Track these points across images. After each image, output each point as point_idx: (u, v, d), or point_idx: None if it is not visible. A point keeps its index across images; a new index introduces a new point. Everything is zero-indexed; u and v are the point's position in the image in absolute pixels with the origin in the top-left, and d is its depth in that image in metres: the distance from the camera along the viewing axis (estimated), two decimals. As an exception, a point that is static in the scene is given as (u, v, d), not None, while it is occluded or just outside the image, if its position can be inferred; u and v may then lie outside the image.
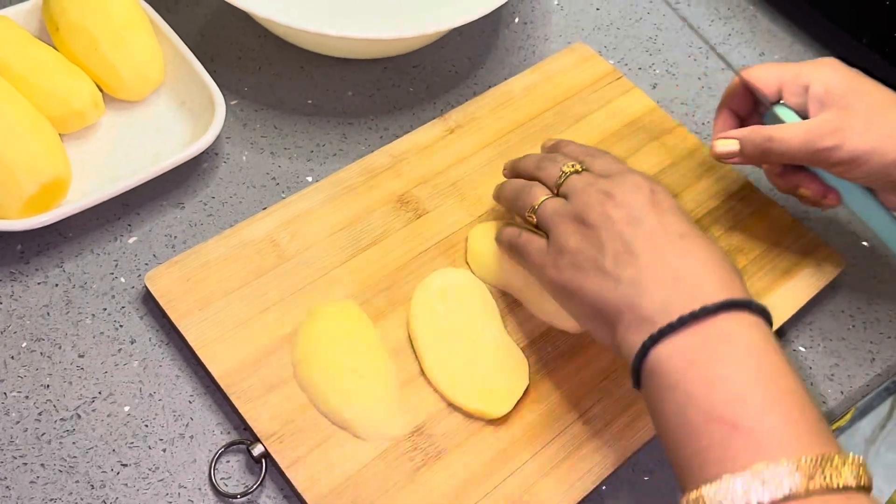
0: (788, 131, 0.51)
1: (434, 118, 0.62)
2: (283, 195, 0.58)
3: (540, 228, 0.48)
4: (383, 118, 0.63)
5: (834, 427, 0.55)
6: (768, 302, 0.56)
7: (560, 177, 0.47)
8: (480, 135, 0.62)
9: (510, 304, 0.55)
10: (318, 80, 0.64)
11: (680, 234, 0.43)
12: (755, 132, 0.52)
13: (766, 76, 0.53)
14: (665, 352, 0.40)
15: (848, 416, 0.60)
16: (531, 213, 0.48)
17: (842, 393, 0.56)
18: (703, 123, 0.67)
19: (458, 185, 0.59)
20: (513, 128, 0.63)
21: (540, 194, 0.48)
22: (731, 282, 0.42)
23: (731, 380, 0.38)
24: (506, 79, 0.66)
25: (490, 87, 0.65)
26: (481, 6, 0.60)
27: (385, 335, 0.52)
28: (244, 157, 0.60)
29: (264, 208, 0.56)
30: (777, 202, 0.62)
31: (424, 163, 0.60)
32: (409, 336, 0.52)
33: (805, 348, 0.57)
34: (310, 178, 0.59)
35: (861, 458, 0.37)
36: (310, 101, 0.63)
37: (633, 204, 0.44)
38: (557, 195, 0.48)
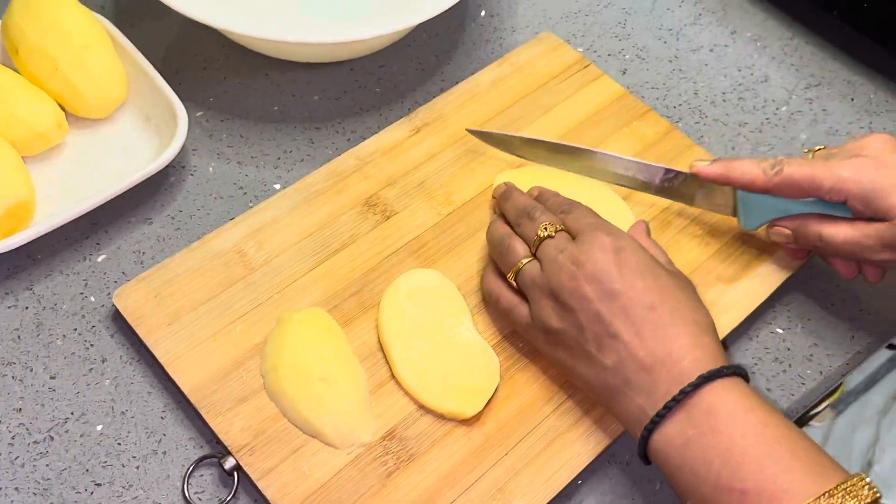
0: (837, 231, 0.50)
1: (401, 118, 0.62)
2: (251, 204, 0.58)
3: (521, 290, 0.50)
4: (350, 121, 0.63)
5: (826, 403, 0.54)
6: (743, 286, 0.55)
7: (535, 241, 0.49)
8: (447, 132, 0.61)
9: (480, 302, 0.54)
10: (284, 87, 0.64)
11: (650, 305, 0.45)
12: (805, 226, 0.52)
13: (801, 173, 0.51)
14: (662, 438, 0.43)
15: (836, 395, 0.59)
16: (512, 274, 0.50)
17: (821, 373, 0.55)
18: (675, 107, 0.66)
19: (426, 185, 0.58)
20: (480, 123, 0.62)
21: (520, 252, 0.50)
22: (705, 348, 0.44)
23: (724, 449, 0.41)
24: (473, 73, 0.65)
25: (457, 82, 0.64)
26: (444, 1, 0.59)
27: (355, 340, 0.51)
28: (211, 169, 0.59)
29: (232, 219, 0.56)
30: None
31: (391, 164, 0.59)
32: (380, 340, 0.51)
33: (783, 329, 0.56)
34: (277, 186, 0.59)
35: (858, 477, 0.40)
36: (276, 108, 0.62)
37: (602, 274, 0.46)
38: (535, 255, 0.49)
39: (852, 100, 0.68)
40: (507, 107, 0.63)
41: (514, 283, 0.50)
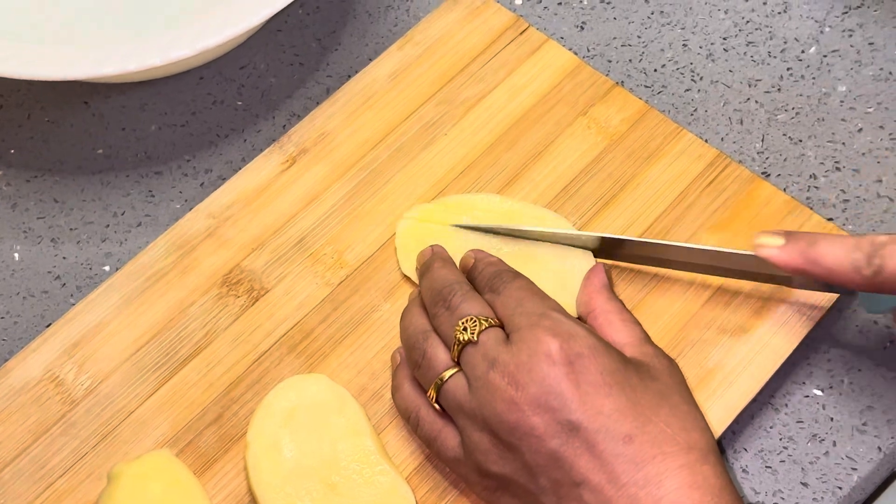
0: None
1: (274, 142, 0.51)
2: (73, 300, 0.49)
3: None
4: (203, 156, 0.53)
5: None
6: (758, 336, 0.46)
7: (455, 344, 0.41)
8: (333, 159, 0.51)
9: (390, 412, 0.44)
10: (111, 118, 0.54)
11: (625, 435, 0.38)
12: None
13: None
14: None
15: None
16: (432, 393, 0.42)
17: (879, 449, 0.45)
18: (655, 70, 0.54)
19: (307, 242, 0.49)
20: (379, 138, 0.52)
21: (440, 362, 0.42)
22: (705, 484, 0.37)
23: None
24: (369, 60, 0.54)
25: (350, 76, 0.54)
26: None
27: (217, 492, 0.44)
28: (16, 255, 0.50)
29: (49, 325, 0.47)
30: (762, 179, 0.50)
31: (257, 218, 0.49)
32: (250, 487, 0.43)
33: (822, 391, 0.46)
34: (107, 268, 0.50)
35: None
36: (100, 152, 0.53)
37: (553, 398, 0.38)
38: (459, 363, 0.42)
39: (910, 22, 0.55)
40: (414, 109, 0.52)
41: (437, 406, 0.42)
